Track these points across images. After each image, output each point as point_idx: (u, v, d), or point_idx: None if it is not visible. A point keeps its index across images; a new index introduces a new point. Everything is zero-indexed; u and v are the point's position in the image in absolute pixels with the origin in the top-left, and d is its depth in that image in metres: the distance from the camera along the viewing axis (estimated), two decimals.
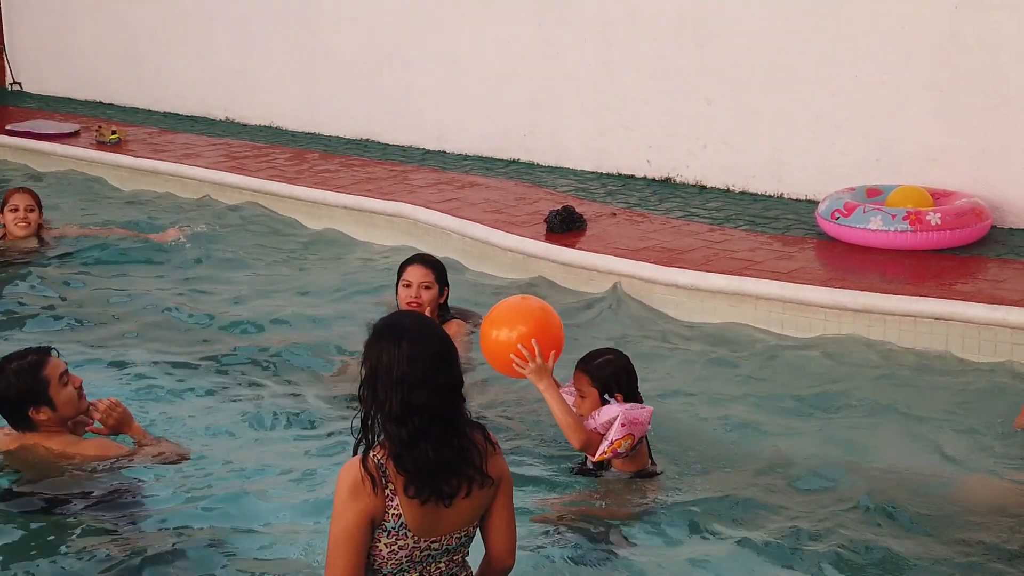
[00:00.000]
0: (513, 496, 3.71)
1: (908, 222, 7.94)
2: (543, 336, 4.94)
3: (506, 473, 3.67)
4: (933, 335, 6.92)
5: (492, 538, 3.68)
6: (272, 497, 5.22)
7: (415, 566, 3.55)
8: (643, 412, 5.04)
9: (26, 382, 5.11)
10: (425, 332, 3.50)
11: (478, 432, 3.61)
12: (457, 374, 3.54)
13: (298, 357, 6.90)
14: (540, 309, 5.04)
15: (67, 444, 5.24)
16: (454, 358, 3.53)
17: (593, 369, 5.15)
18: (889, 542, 4.86)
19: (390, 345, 3.46)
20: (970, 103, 8.58)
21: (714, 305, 7.49)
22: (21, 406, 5.15)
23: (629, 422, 4.97)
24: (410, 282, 6.54)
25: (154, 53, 13.89)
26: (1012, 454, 5.69)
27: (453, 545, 3.60)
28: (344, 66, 12.18)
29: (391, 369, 3.44)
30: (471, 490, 3.54)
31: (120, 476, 5.19)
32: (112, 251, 8.84)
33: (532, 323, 4.95)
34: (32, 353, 5.23)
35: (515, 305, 5.06)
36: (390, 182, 10.27)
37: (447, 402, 3.48)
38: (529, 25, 10.77)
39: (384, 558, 3.51)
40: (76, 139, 12.22)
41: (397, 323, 3.54)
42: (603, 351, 5.29)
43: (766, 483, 5.35)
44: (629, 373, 5.21)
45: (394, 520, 3.48)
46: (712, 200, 9.52)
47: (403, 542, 3.50)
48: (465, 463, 3.52)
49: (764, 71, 9.49)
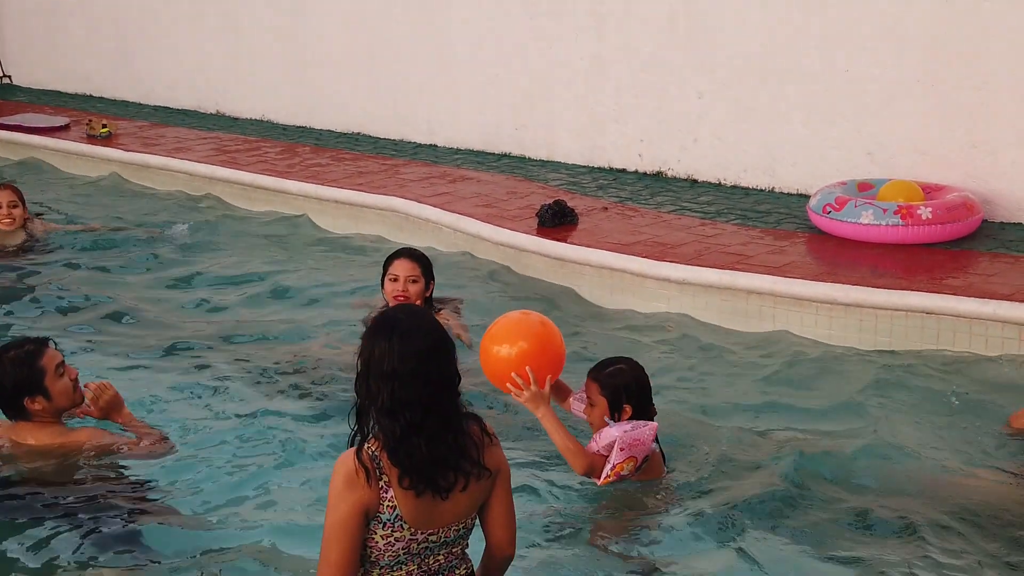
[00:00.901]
0: (511, 486, 3.70)
1: (899, 216, 7.94)
2: (543, 354, 4.82)
3: (504, 464, 3.67)
4: (924, 329, 6.93)
5: (492, 529, 3.68)
6: (265, 490, 5.23)
7: (413, 558, 3.56)
8: (644, 431, 4.91)
9: (23, 371, 5.13)
10: (418, 327, 3.50)
11: (474, 424, 3.61)
12: (451, 369, 3.53)
13: (289, 350, 6.90)
14: (541, 325, 4.89)
15: (58, 434, 5.25)
16: (448, 353, 3.52)
17: (604, 378, 5.06)
18: (880, 541, 4.88)
19: (382, 339, 3.47)
20: (961, 98, 8.59)
21: (706, 299, 7.49)
22: (17, 395, 5.16)
23: (628, 445, 4.85)
24: (397, 276, 6.56)
25: (145, 46, 13.86)
26: (1003, 449, 5.69)
27: (451, 538, 3.60)
28: (335, 60, 12.16)
29: (382, 363, 3.45)
30: (468, 484, 3.54)
31: (112, 467, 5.19)
32: (101, 245, 8.83)
33: (532, 340, 4.82)
34: (29, 343, 5.27)
35: (515, 321, 4.91)
36: (381, 176, 10.26)
37: (439, 397, 3.48)
38: (521, 19, 10.76)
39: (381, 550, 3.52)
40: (66, 133, 12.19)
41: (391, 317, 3.54)
42: (617, 360, 5.19)
43: (767, 483, 5.32)
44: (642, 385, 5.08)
45: (389, 512, 3.48)
46: (704, 194, 9.52)
47: (399, 534, 3.50)
48: (461, 457, 3.52)
49: (756, 65, 9.49)
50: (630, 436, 4.84)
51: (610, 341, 7.08)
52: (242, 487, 5.25)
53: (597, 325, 7.42)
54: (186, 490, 5.19)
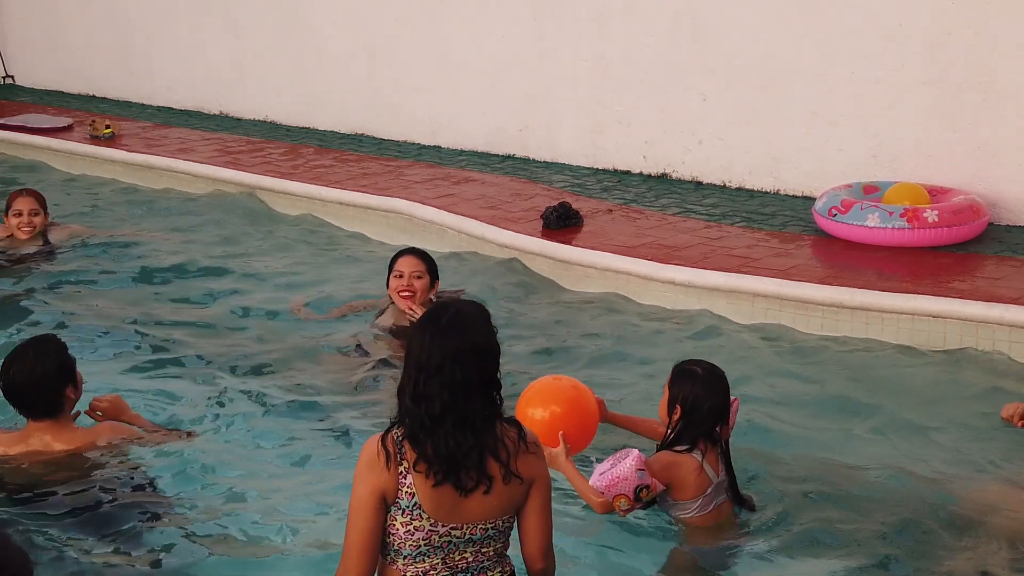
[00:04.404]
0: (551, 500, 3.68)
1: (905, 219, 7.93)
2: (575, 415, 4.97)
3: (542, 475, 3.65)
4: (930, 332, 6.92)
5: (524, 539, 3.68)
6: (280, 488, 5.23)
7: (436, 551, 3.55)
8: (621, 466, 4.68)
9: (65, 358, 5.13)
10: (458, 327, 3.52)
11: (513, 428, 3.62)
12: (482, 375, 3.52)
13: (294, 350, 6.90)
14: (573, 388, 5.08)
15: (79, 429, 5.24)
16: (483, 358, 3.52)
17: (675, 369, 4.91)
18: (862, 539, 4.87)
19: (420, 331, 3.54)
20: (967, 99, 8.58)
21: (711, 302, 7.48)
22: (60, 382, 5.12)
23: (605, 486, 4.68)
24: (401, 272, 6.67)
25: (147, 47, 13.84)
26: (1009, 452, 5.68)
27: (478, 536, 3.58)
28: (338, 60, 12.14)
29: (415, 353, 3.52)
30: (492, 486, 3.54)
31: (133, 468, 5.20)
32: (117, 251, 8.76)
33: (565, 403, 4.99)
34: (47, 336, 5.34)
35: (547, 386, 5.09)
36: (385, 177, 10.24)
37: (461, 398, 3.48)
38: (524, 20, 10.74)
39: (401, 538, 3.53)
40: (69, 133, 12.17)
41: (438, 311, 3.58)
42: (703, 364, 4.92)
43: (768, 484, 5.33)
44: (700, 397, 4.78)
45: (407, 499, 3.50)
46: (708, 196, 9.50)
47: (418, 523, 3.51)
48: (482, 460, 3.52)
49: (760, 67, 9.47)
50: (606, 477, 4.69)
51: (614, 343, 7.07)
52: (252, 491, 5.25)
53: (600, 326, 7.40)
54: (196, 492, 5.19)
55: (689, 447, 4.81)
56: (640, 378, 6.51)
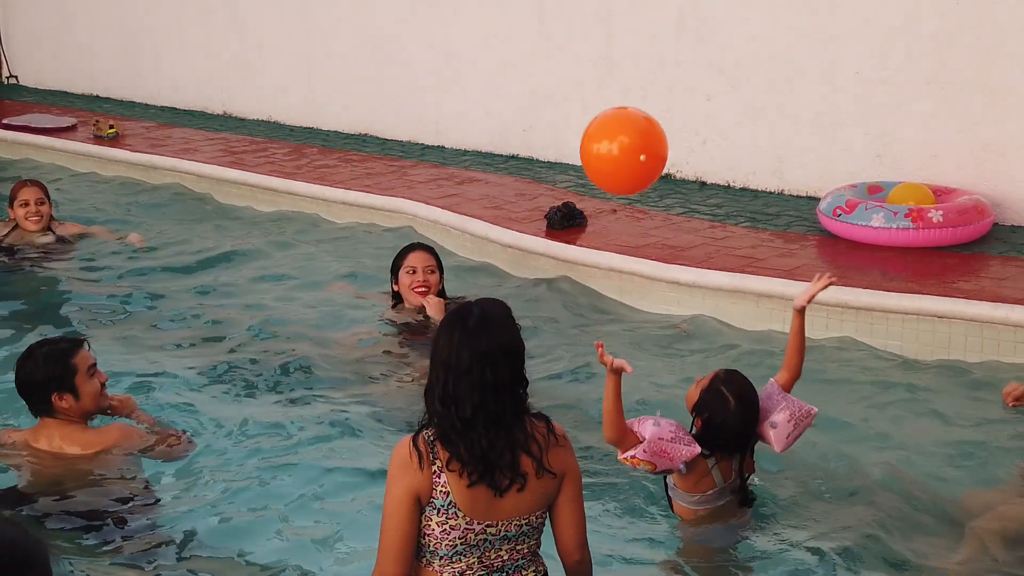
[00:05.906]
0: (582, 492, 3.68)
1: (910, 219, 7.91)
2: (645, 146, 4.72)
3: (572, 467, 3.65)
4: (935, 333, 6.91)
5: (558, 532, 3.68)
6: (282, 488, 5.24)
7: (472, 550, 3.54)
8: (680, 450, 4.62)
9: (54, 368, 5.15)
10: (486, 327, 3.50)
11: (542, 423, 3.61)
12: (511, 375, 3.51)
13: (299, 349, 6.89)
14: (645, 120, 4.89)
15: (86, 431, 5.25)
16: (511, 359, 3.51)
17: (714, 380, 4.80)
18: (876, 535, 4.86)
19: (447, 331, 3.52)
20: (972, 99, 8.56)
21: (715, 302, 7.47)
22: (45, 389, 5.16)
23: (652, 453, 4.60)
24: (415, 267, 6.66)
25: (151, 47, 13.84)
26: (1011, 451, 5.67)
27: (512, 533, 3.57)
28: (342, 60, 12.14)
29: (443, 354, 3.51)
30: (526, 484, 3.53)
31: (133, 468, 5.20)
32: (125, 249, 8.75)
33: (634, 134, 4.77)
34: (65, 342, 5.33)
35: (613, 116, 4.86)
36: (389, 177, 10.24)
37: (491, 398, 3.48)
38: (528, 19, 10.73)
39: (438, 538, 3.52)
40: (74, 133, 12.18)
41: (464, 311, 3.56)
42: (743, 390, 4.83)
43: (768, 484, 5.32)
44: (735, 435, 4.74)
45: (442, 498, 3.49)
46: (712, 196, 9.49)
47: (454, 522, 3.50)
48: (515, 459, 3.51)
49: (764, 67, 9.46)
50: (658, 446, 4.60)
51: (619, 345, 7.05)
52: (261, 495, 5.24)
53: (605, 327, 7.39)
54: (203, 495, 5.18)
55: (706, 453, 4.78)
56: (641, 378, 6.49)
